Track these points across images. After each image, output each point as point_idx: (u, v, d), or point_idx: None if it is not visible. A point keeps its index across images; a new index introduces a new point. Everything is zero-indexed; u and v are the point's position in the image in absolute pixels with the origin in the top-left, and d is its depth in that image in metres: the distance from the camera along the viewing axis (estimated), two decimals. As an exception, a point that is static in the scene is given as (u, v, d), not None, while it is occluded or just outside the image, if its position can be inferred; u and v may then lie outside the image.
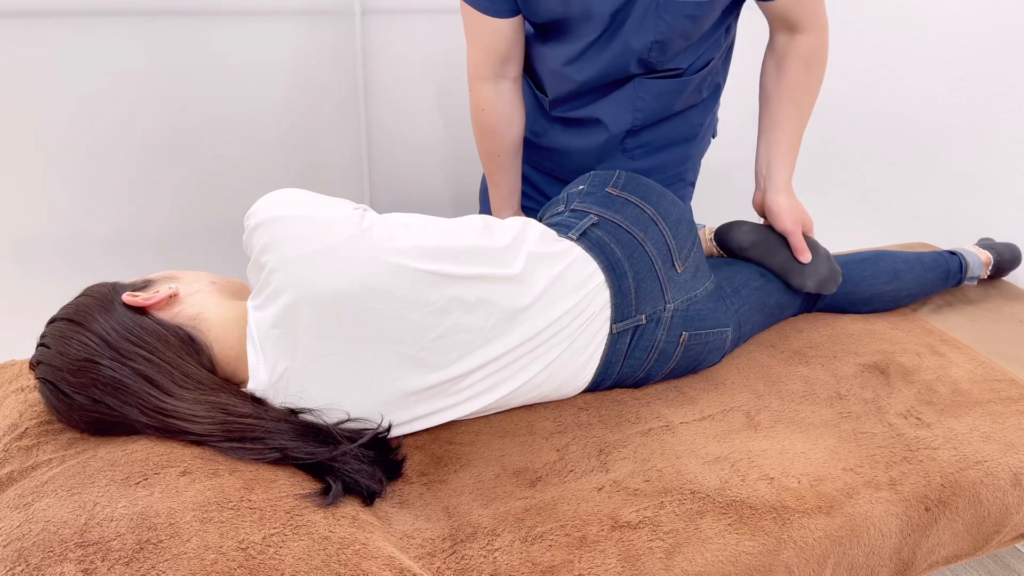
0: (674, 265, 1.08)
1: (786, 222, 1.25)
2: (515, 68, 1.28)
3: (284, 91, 1.65)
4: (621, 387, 1.12)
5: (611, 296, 1.03)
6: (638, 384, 1.13)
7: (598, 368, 1.06)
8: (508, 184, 1.39)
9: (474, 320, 0.93)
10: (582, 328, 1.01)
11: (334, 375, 0.89)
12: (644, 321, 1.06)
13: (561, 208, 1.14)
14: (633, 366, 1.08)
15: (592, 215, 1.08)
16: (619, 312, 1.04)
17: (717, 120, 1.46)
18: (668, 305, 1.07)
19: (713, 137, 1.47)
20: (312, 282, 0.86)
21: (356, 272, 0.88)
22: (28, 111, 1.44)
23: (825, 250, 1.29)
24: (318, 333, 0.87)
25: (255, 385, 0.87)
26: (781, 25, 1.21)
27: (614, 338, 1.04)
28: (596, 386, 1.09)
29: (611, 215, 1.08)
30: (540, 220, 1.13)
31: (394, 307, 0.89)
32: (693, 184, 1.48)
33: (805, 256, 1.24)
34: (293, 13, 1.58)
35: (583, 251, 1.04)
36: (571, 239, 1.05)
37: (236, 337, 0.90)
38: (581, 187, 1.16)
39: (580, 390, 1.08)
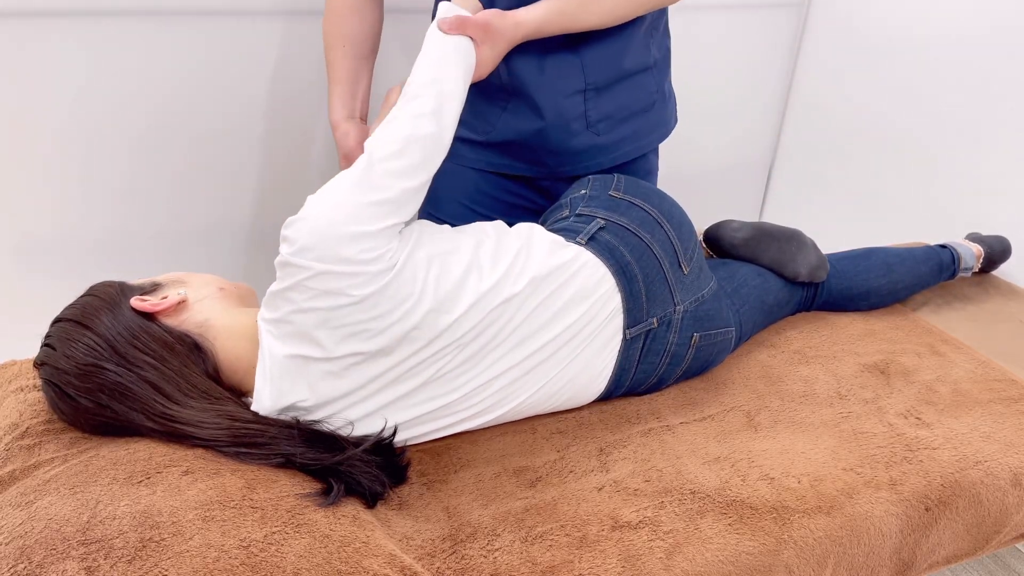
0: (680, 267, 1.08)
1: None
2: None
3: (285, 91, 1.65)
4: (633, 395, 1.11)
5: (623, 300, 1.02)
6: (650, 391, 1.12)
7: (612, 375, 1.04)
8: (350, 80, 1.23)
9: (481, 343, 0.93)
10: (594, 335, 1.00)
11: (342, 407, 0.90)
12: (656, 324, 1.05)
13: (566, 213, 1.13)
14: (646, 371, 1.07)
15: (599, 219, 1.08)
16: (631, 316, 1.03)
17: (675, 101, 1.35)
18: (678, 307, 1.06)
19: (675, 123, 1.35)
20: (331, 344, 0.86)
21: (380, 332, 0.87)
22: (27, 111, 1.44)
23: (811, 240, 1.32)
24: (330, 381, 0.88)
25: (258, 407, 0.87)
26: None
27: (627, 343, 1.03)
28: (609, 394, 1.08)
29: (617, 218, 1.07)
30: (544, 225, 1.13)
31: (408, 351, 0.90)
32: (656, 161, 1.36)
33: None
34: (294, 13, 1.58)
35: (592, 256, 1.02)
36: (579, 244, 1.04)
37: (243, 348, 0.90)
38: (583, 191, 1.15)
39: (593, 398, 1.07)
